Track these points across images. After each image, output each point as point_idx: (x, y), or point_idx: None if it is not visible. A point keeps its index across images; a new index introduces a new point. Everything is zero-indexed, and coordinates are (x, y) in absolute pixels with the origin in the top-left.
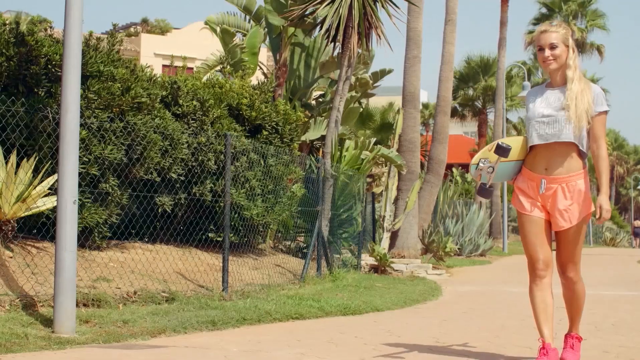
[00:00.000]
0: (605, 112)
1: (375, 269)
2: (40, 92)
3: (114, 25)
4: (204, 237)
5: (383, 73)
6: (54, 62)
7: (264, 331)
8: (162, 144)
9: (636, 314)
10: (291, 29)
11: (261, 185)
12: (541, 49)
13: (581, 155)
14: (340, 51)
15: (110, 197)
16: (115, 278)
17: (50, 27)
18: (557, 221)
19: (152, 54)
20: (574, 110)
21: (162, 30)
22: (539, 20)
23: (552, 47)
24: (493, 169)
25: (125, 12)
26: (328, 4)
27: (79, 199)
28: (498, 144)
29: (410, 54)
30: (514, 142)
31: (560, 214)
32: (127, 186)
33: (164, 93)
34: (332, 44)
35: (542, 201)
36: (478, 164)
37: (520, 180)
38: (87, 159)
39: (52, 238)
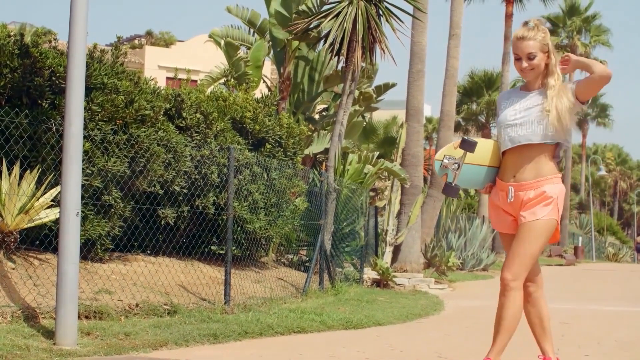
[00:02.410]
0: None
1: (377, 283)
2: (44, 104)
3: (118, 38)
4: (206, 249)
5: (387, 87)
6: (58, 74)
7: (265, 345)
8: (165, 156)
9: None
10: (295, 43)
11: (264, 199)
12: (518, 58)
13: (554, 159)
14: (344, 65)
15: (113, 210)
16: (118, 290)
17: (55, 39)
18: (518, 219)
19: (156, 66)
20: (555, 115)
21: (166, 42)
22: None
23: (530, 57)
24: (459, 165)
25: (129, 24)
26: (332, 18)
27: (82, 211)
28: (463, 138)
29: (414, 68)
30: (483, 143)
31: (521, 213)
32: (130, 198)
33: (168, 106)
34: (336, 57)
35: (512, 211)
36: (442, 161)
37: (494, 192)
38: (90, 171)
39: (55, 250)
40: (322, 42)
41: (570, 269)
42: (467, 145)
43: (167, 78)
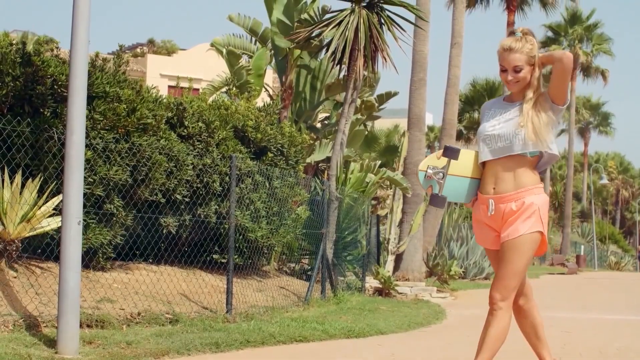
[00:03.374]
0: None
1: (379, 291)
2: (46, 113)
3: (121, 46)
4: (208, 258)
5: (389, 95)
6: (60, 83)
7: (267, 354)
8: (167, 165)
9: None
10: (297, 51)
11: (266, 207)
12: (504, 70)
13: (535, 169)
14: (346, 74)
15: (115, 218)
16: (119, 299)
17: (57, 48)
18: (501, 235)
19: (158, 75)
20: (531, 129)
21: (168, 51)
22: (545, 44)
23: (516, 69)
24: (443, 174)
25: (131, 32)
26: (334, 27)
27: (84, 220)
28: (446, 146)
29: (416, 76)
30: (466, 154)
31: (503, 228)
32: (131, 207)
33: (170, 114)
34: (338, 66)
35: (494, 225)
36: (426, 171)
37: (475, 207)
38: (92, 180)
39: (57, 258)
40: (324, 50)
41: (572, 278)
42: (451, 153)
43: (169, 86)
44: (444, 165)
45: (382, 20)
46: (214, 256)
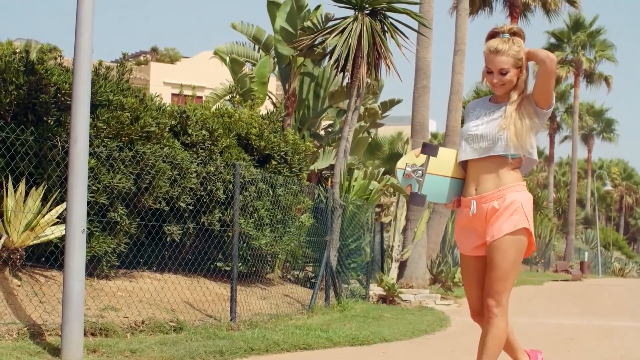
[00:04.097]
0: None
1: (383, 299)
2: (49, 121)
3: (124, 55)
4: (212, 266)
5: (392, 103)
6: (63, 91)
7: None
8: (170, 173)
9: None
10: (300, 59)
11: (270, 215)
12: (490, 72)
13: (516, 170)
14: (349, 81)
15: (118, 226)
16: (123, 307)
17: (60, 56)
18: (484, 237)
19: (161, 83)
20: (513, 132)
21: (171, 59)
22: (548, 51)
23: (502, 72)
24: (422, 172)
25: (134, 40)
26: (337, 34)
27: (88, 228)
28: (424, 143)
29: (420, 84)
30: (446, 152)
31: (486, 230)
32: (135, 215)
33: (173, 122)
34: (341, 73)
35: (477, 226)
36: (405, 169)
37: (459, 212)
38: (95, 188)
39: (60, 267)
40: (327, 58)
41: (576, 285)
42: (429, 150)
43: (173, 94)
44: (422, 163)
45: (385, 28)
46: (218, 264)
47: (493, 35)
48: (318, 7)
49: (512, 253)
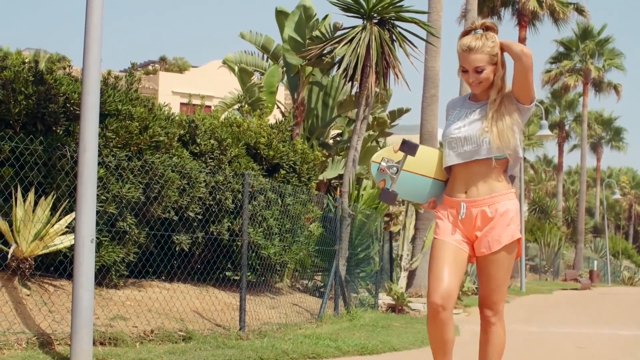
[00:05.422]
0: None
1: (392, 308)
2: (58, 131)
3: (132, 64)
4: (221, 275)
5: (400, 112)
6: (72, 101)
7: None
8: (179, 182)
9: None
10: (309, 68)
11: (279, 224)
12: (465, 71)
13: (505, 173)
14: (357, 90)
15: (127, 236)
16: (132, 316)
17: (69, 66)
18: (477, 247)
19: (170, 92)
20: (495, 134)
21: (180, 68)
22: (556, 59)
23: (478, 70)
24: (397, 169)
25: (143, 50)
26: (346, 44)
27: (97, 238)
28: (404, 140)
29: (428, 93)
30: (429, 152)
31: (479, 240)
32: (144, 225)
33: (182, 132)
34: (350, 83)
35: (464, 229)
36: (380, 164)
37: (441, 207)
38: (105, 198)
39: (70, 276)
40: (335, 67)
41: (585, 293)
42: (408, 148)
43: (181, 104)
44: (399, 160)
45: (394, 37)
46: (227, 273)
47: (466, 33)
48: (326, 16)
49: (508, 265)
